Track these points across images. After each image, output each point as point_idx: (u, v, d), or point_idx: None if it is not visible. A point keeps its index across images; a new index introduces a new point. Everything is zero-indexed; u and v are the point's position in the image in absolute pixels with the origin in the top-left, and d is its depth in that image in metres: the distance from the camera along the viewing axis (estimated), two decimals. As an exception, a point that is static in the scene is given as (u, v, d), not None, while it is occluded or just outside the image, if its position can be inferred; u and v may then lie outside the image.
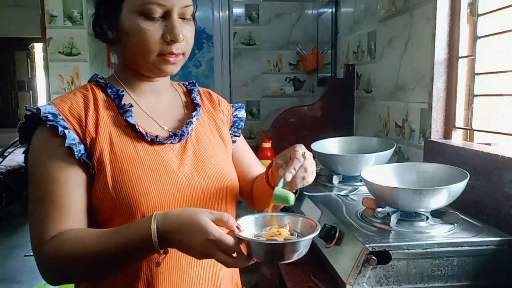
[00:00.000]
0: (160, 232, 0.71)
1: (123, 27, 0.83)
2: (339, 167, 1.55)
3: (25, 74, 6.56)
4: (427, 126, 1.60)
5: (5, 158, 4.69)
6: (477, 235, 1.02)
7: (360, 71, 2.38)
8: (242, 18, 3.49)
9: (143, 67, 0.86)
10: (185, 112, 0.97)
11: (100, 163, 0.81)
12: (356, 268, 0.95)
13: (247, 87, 3.53)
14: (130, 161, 0.83)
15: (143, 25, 0.81)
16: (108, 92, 0.88)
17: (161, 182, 0.83)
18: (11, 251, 3.79)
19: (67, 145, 0.79)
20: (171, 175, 0.85)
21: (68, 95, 0.87)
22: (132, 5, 0.81)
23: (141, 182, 0.81)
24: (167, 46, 0.82)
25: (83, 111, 0.84)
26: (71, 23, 2.82)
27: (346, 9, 2.67)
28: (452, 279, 0.98)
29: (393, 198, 1.09)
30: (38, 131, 0.82)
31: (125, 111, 0.86)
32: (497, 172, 1.17)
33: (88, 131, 0.82)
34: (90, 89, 0.88)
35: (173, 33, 0.81)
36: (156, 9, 0.80)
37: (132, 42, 0.83)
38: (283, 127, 2.50)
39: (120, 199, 0.80)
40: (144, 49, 0.82)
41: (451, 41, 1.52)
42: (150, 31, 0.81)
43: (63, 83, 2.86)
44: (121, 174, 0.81)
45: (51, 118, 0.80)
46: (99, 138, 0.82)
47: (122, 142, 0.84)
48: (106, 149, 0.82)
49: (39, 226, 0.78)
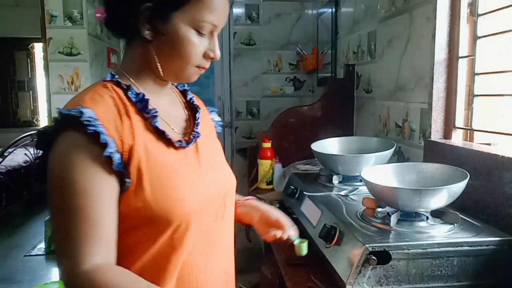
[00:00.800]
0: None
1: (171, 34, 0.81)
2: (339, 167, 1.55)
3: (25, 74, 6.55)
4: (427, 126, 1.60)
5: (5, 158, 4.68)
6: (477, 235, 1.02)
7: (360, 71, 2.38)
8: (242, 18, 3.49)
9: (173, 73, 0.86)
10: (187, 113, 0.97)
11: (139, 171, 0.77)
12: (356, 268, 0.95)
13: (247, 87, 3.53)
14: (165, 167, 0.81)
15: (194, 39, 0.82)
16: (129, 95, 0.83)
17: (190, 187, 0.83)
18: (11, 251, 3.79)
19: (107, 154, 0.73)
20: (195, 179, 0.86)
21: (94, 96, 0.80)
22: (187, 17, 0.81)
23: (177, 189, 0.81)
24: (205, 61, 0.86)
25: (118, 116, 0.79)
26: (71, 23, 2.82)
27: (346, 9, 2.67)
28: (452, 279, 0.98)
29: (393, 198, 1.09)
30: (68, 136, 0.75)
31: (153, 117, 0.84)
32: (497, 172, 1.17)
33: (124, 138, 0.77)
34: (113, 90, 0.83)
35: (215, 52, 0.86)
36: (208, 27, 0.83)
37: (176, 50, 0.82)
38: (283, 127, 2.50)
39: (159, 207, 0.78)
40: (187, 60, 0.84)
41: (451, 41, 1.52)
42: (198, 46, 0.83)
43: (63, 83, 2.86)
44: (160, 182, 0.79)
45: (93, 122, 0.74)
46: (136, 145, 0.78)
47: (154, 148, 0.82)
48: (143, 156, 0.79)
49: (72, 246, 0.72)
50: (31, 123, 6.48)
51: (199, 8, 0.81)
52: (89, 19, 2.83)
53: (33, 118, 6.55)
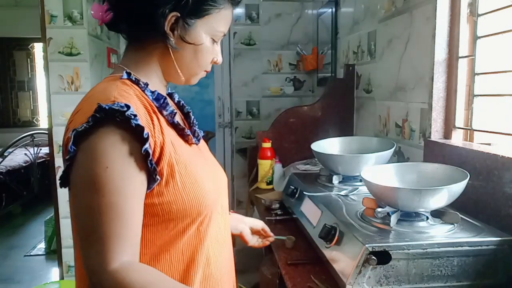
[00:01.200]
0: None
1: (191, 40, 0.86)
2: (339, 167, 1.55)
3: (25, 74, 6.55)
4: (427, 126, 1.60)
5: (5, 158, 4.69)
6: (477, 235, 1.02)
7: (360, 71, 2.38)
8: (242, 18, 3.49)
9: (183, 76, 0.91)
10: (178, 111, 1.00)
11: (170, 165, 0.79)
12: (356, 268, 0.95)
13: (247, 87, 3.53)
14: (190, 163, 0.84)
15: (210, 46, 0.90)
16: (147, 93, 0.84)
17: (209, 182, 0.88)
18: (11, 251, 3.79)
19: (145, 149, 0.74)
20: (211, 173, 0.92)
21: (122, 93, 0.79)
22: (208, 27, 0.87)
23: (201, 184, 0.84)
24: (210, 66, 0.94)
25: (146, 112, 0.79)
26: (71, 23, 2.82)
27: (346, 9, 2.67)
28: (452, 279, 0.98)
29: (393, 198, 1.09)
30: (107, 131, 0.73)
31: (173, 114, 0.86)
32: (497, 172, 1.17)
33: (156, 134, 0.78)
34: (133, 88, 0.83)
35: (219, 57, 0.94)
36: (221, 36, 0.91)
37: (196, 56, 0.89)
38: (283, 127, 2.50)
39: (191, 199, 0.82)
40: (200, 65, 0.91)
41: (451, 41, 1.52)
42: (211, 53, 0.91)
43: (63, 83, 2.86)
44: (187, 175, 0.82)
45: (137, 117, 0.74)
46: (166, 141, 0.79)
47: (179, 144, 0.85)
48: (172, 151, 0.81)
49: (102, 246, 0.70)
50: (31, 123, 6.48)
51: (217, 19, 0.88)
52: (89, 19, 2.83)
53: (33, 118, 6.55)
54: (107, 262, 0.69)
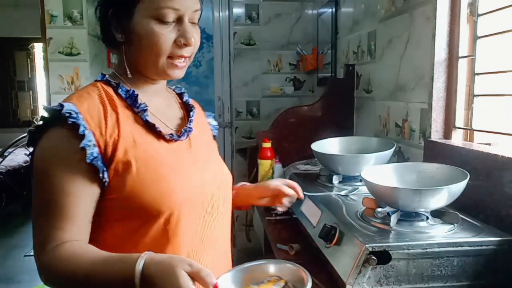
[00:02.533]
0: (143, 274, 0.71)
1: (136, 31, 0.84)
2: (339, 167, 1.55)
3: (25, 74, 6.55)
4: (427, 126, 1.60)
5: (5, 158, 4.69)
6: (477, 235, 1.02)
7: (360, 71, 2.38)
8: (242, 18, 3.48)
9: (152, 70, 0.88)
10: (182, 112, 1.00)
11: (126, 162, 0.80)
12: (356, 268, 0.95)
13: (247, 87, 3.53)
14: (153, 160, 0.83)
15: (157, 29, 0.83)
16: (119, 92, 0.88)
17: (181, 179, 0.85)
18: (11, 251, 3.79)
19: (82, 146, 0.77)
20: (188, 172, 0.88)
21: (82, 94, 0.85)
22: (146, 9, 0.83)
23: (166, 181, 0.83)
24: (178, 50, 0.85)
25: (102, 112, 0.82)
26: (71, 23, 2.82)
27: (346, 9, 2.67)
28: (452, 279, 0.98)
29: (393, 198, 1.09)
30: (52, 132, 0.80)
31: (142, 111, 0.87)
32: (497, 172, 1.17)
33: (108, 133, 0.81)
34: (102, 89, 0.87)
35: (186, 37, 0.85)
36: (170, 13, 0.83)
37: (144, 45, 0.84)
38: (283, 127, 2.50)
39: (147, 197, 0.80)
40: (156, 52, 0.84)
41: (451, 41, 1.52)
42: (164, 35, 0.83)
43: (63, 83, 2.86)
44: (148, 173, 0.81)
45: (74, 115, 0.78)
46: (122, 138, 0.81)
47: (143, 140, 0.85)
48: (131, 148, 0.82)
49: (42, 233, 0.79)
50: (31, 123, 6.47)
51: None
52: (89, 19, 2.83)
53: (33, 118, 6.55)
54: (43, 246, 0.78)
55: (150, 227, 0.82)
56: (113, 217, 0.83)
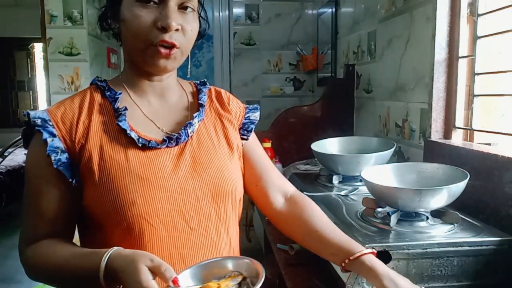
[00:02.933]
0: (108, 269, 0.70)
1: (123, 16, 0.82)
2: (339, 167, 1.55)
3: (25, 74, 6.55)
4: (427, 126, 1.60)
5: (5, 158, 4.69)
6: (477, 235, 1.01)
7: (360, 71, 2.38)
8: (242, 18, 3.49)
9: (138, 58, 0.84)
10: (188, 113, 0.92)
11: (88, 170, 0.80)
12: (356, 268, 0.95)
13: (247, 87, 3.53)
14: (119, 167, 0.80)
15: (137, 11, 0.79)
16: (107, 95, 0.87)
17: (148, 190, 0.80)
18: (11, 251, 3.79)
19: (48, 152, 0.80)
20: (161, 182, 0.81)
21: (66, 100, 0.87)
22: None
23: (127, 191, 0.79)
24: (159, 34, 0.79)
25: (76, 117, 0.84)
26: (71, 23, 2.82)
27: (346, 9, 2.67)
28: (452, 279, 0.98)
29: (393, 198, 1.09)
30: (34, 137, 0.84)
31: (118, 115, 0.84)
32: (497, 172, 1.17)
33: (77, 138, 0.82)
34: (89, 93, 0.88)
35: (165, 19, 0.78)
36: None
37: (127, 29, 0.82)
38: (283, 127, 2.50)
39: (107, 207, 0.79)
40: (135, 35, 0.80)
41: (451, 41, 1.52)
42: (142, 17, 0.79)
43: (63, 83, 2.86)
44: (108, 182, 0.79)
45: (39, 123, 0.81)
46: (88, 144, 0.82)
47: (112, 148, 0.82)
48: (95, 155, 0.81)
49: (25, 230, 0.85)
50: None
51: None
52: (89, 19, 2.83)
53: (33, 117, 6.55)
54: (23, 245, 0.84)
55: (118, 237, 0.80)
56: (92, 224, 0.84)
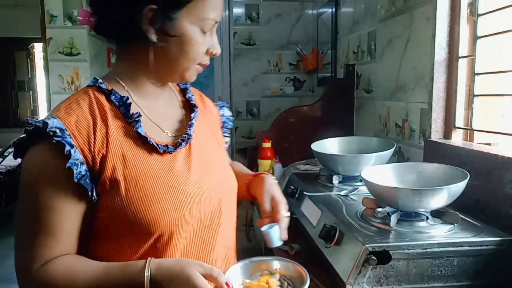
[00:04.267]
0: (152, 281, 0.71)
1: (178, 34, 0.80)
2: (339, 167, 1.55)
3: (25, 74, 6.55)
4: (427, 126, 1.60)
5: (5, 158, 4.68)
6: (477, 235, 1.01)
7: (360, 71, 2.38)
8: (242, 18, 3.48)
9: (175, 74, 0.86)
10: (183, 112, 0.95)
11: (113, 180, 0.77)
12: (356, 268, 0.95)
13: (247, 87, 3.53)
14: (145, 176, 0.79)
15: (200, 37, 0.83)
16: (112, 99, 0.82)
17: (176, 196, 0.81)
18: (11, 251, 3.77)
19: (69, 165, 0.73)
20: (183, 187, 0.82)
21: (71, 105, 0.80)
22: (192, 16, 0.80)
23: (158, 199, 0.78)
24: (206, 58, 0.86)
25: (92, 125, 0.78)
26: (71, 23, 2.82)
27: (346, 9, 2.67)
28: (452, 279, 0.98)
29: (393, 198, 1.09)
30: (37, 147, 0.76)
31: (135, 122, 0.82)
32: (497, 172, 1.17)
33: (97, 149, 0.77)
34: (93, 97, 0.82)
35: (217, 49, 0.87)
36: (211, 24, 0.83)
37: (184, 50, 0.82)
38: (283, 127, 2.50)
39: (138, 218, 0.77)
40: (192, 58, 0.84)
41: (451, 41, 1.52)
42: (202, 44, 0.83)
43: (63, 83, 2.86)
44: (137, 191, 0.77)
45: (58, 133, 0.74)
46: (110, 154, 0.77)
47: (134, 156, 0.80)
48: (119, 164, 0.78)
49: (27, 251, 0.77)
50: (31, 123, 6.46)
51: (202, 6, 0.81)
52: (89, 19, 2.83)
53: (33, 118, 6.52)
54: (30, 266, 0.76)
55: (140, 245, 0.79)
56: (105, 235, 0.81)
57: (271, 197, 0.95)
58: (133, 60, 0.86)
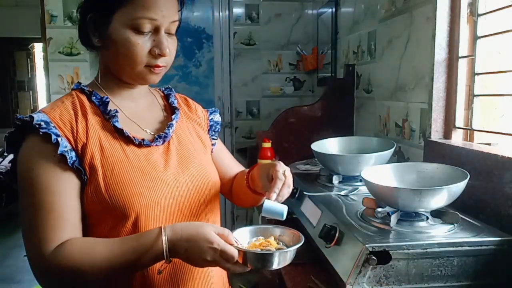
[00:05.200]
0: (169, 243, 0.77)
1: (113, 38, 0.86)
2: (339, 167, 1.55)
3: (25, 74, 6.55)
4: (427, 126, 1.60)
5: (5, 158, 4.69)
6: (477, 235, 1.02)
7: (360, 71, 2.38)
8: (242, 18, 3.48)
9: (128, 76, 0.91)
10: (165, 115, 1.02)
11: (91, 167, 0.84)
12: (356, 268, 0.95)
13: (247, 87, 3.53)
14: (121, 163, 0.86)
15: (133, 38, 0.85)
16: (93, 99, 0.91)
17: (151, 182, 0.87)
18: (11, 251, 3.79)
19: (60, 152, 0.81)
20: (160, 175, 0.89)
21: (56, 103, 0.89)
22: (124, 18, 0.85)
23: (133, 183, 0.85)
24: (153, 59, 0.87)
25: (73, 117, 0.86)
26: (71, 23, 2.82)
27: (346, 9, 2.67)
28: (452, 279, 0.98)
29: (393, 198, 1.09)
30: (28, 140, 0.83)
31: (112, 117, 0.89)
32: (497, 172, 1.17)
33: (79, 137, 0.84)
34: (76, 97, 0.91)
35: (161, 48, 0.86)
36: (147, 24, 0.85)
37: (120, 53, 0.86)
38: (283, 127, 2.50)
39: (114, 200, 0.83)
40: (133, 60, 0.86)
41: (451, 41, 1.52)
42: (139, 45, 0.85)
43: (63, 83, 2.86)
44: (113, 177, 0.84)
45: (44, 125, 0.82)
46: (89, 143, 0.85)
47: (111, 146, 0.87)
48: (97, 153, 0.85)
49: (38, 236, 0.79)
50: (31, 123, 6.47)
51: (132, 7, 0.84)
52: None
53: (31, 117, 6.55)
54: (42, 251, 0.78)
55: (119, 229, 0.85)
56: (92, 220, 0.86)
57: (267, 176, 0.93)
58: (101, 65, 0.94)
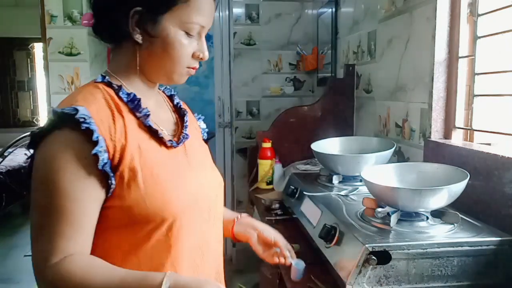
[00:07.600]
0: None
1: (161, 36, 0.83)
2: (339, 167, 1.55)
3: (25, 74, 6.55)
4: (427, 126, 1.60)
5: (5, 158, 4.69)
6: (477, 235, 1.02)
7: (360, 71, 2.38)
8: (242, 18, 3.48)
9: (164, 74, 0.88)
10: (175, 116, 0.99)
11: (132, 169, 0.79)
12: (356, 268, 0.95)
13: (247, 87, 3.53)
14: (158, 165, 0.83)
15: (184, 40, 0.85)
16: (120, 95, 0.85)
17: (182, 186, 0.85)
18: (11, 251, 3.79)
19: (94, 152, 0.74)
20: (187, 178, 0.88)
21: (86, 96, 0.81)
22: (177, 19, 0.83)
23: (172, 187, 0.83)
24: (194, 61, 0.89)
25: (111, 115, 0.80)
26: (71, 23, 2.82)
27: (346, 9, 2.67)
28: (452, 279, 0.98)
29: (393, 198, 1.09)
30: (60, 135, 0.76)
31: (145, 116, 0.85)
32: (497, 172, 1.17)
33: (117, 137, 0.79)
34: (104, 91, 0.84)
35: (204, 53, 0.89)
36: (196, 28, 0.86)
37: (167, 51, 0.85)
38: (283, 127, 2.50)
39: (154, 204, 0.79)
40: (178, 61, 0.86)
41: (451, 41, 1.52)
42: (187, 47, 0.86)
43: (63, 83, 2.86)
44: (153, 179, 0.80)
45: (87, 120, 0.75)
46: (129, 144, 0.80)
47: (148, 147, 0.83)
48: (137, 155, 0.80)
49: (46, 243, 0.74)
50: (31, 123, 6.47)
51: (187, 10, 0.83)
52: (89, 19, 2.83)
53: (33, 118, 6.55)
54: (48, 259, 0.72)
55: (152, 234, 0.80)
56: (114, 225, 0.81)
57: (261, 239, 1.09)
58: (124, 60, 0.89)
